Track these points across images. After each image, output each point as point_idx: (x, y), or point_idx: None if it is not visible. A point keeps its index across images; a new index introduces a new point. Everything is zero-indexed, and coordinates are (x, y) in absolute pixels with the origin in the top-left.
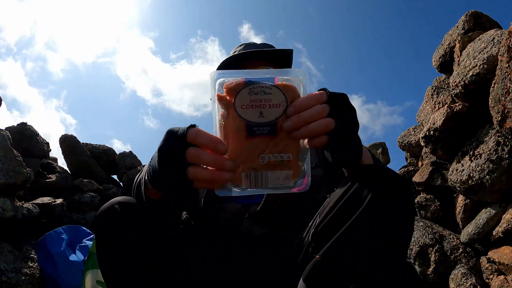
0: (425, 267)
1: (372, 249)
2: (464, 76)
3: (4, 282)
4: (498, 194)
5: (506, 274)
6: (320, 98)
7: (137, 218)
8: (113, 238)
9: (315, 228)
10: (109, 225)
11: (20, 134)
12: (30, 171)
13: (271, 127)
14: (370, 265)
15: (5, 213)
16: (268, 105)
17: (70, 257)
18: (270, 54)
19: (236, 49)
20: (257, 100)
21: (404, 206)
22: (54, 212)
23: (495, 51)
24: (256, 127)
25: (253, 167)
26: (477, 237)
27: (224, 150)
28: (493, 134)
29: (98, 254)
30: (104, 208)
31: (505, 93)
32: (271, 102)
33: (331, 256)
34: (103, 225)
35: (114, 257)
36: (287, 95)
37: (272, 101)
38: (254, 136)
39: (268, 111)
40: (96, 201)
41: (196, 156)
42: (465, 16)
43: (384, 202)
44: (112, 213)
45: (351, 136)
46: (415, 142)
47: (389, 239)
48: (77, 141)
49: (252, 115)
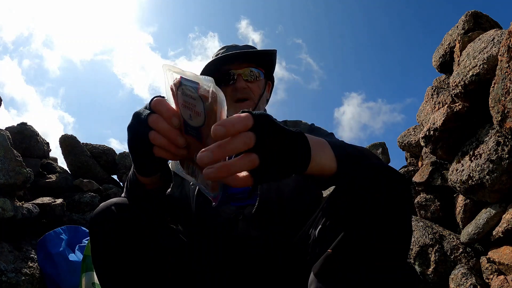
0: (425, 267)
1: (382, 242)
2: (464, 76)
3: (4, 282)
4: (498, 194)
5: (506, 274)
6: (247, 123)
7: (133, 219)
8: (108, 240)
9: (322, 224)
10: (104, 226)
11: (20, 134)
12: (30, 171)
13: (197, 132)
14: (380, 258)
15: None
16: (194, 110)
17: (69, 257)
18: (252, 55)
19: (219, 52)
20: (187, 102)
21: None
22: (54, 212)
23: (495, 51)
24: (188, 127)
25: (192, 159)
26: (477, 237)
27: (176, 123)
28: (493, 134)
29: (93, 255)
30: (99, 209)
31: (505, 93)
32: (195, 109)
33: (342, 250)
34: (98, 227)
35: (109, 258)
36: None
37: (196, 108)
38: (188, 135)
39: (194, 116)
40: (96, 201)
41: (155, 121)
42: (465, 16)
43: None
44: (108, 215)
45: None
46: (415, 142)
47: (395, 233)
48: (77, 141)
49: (185, 114)
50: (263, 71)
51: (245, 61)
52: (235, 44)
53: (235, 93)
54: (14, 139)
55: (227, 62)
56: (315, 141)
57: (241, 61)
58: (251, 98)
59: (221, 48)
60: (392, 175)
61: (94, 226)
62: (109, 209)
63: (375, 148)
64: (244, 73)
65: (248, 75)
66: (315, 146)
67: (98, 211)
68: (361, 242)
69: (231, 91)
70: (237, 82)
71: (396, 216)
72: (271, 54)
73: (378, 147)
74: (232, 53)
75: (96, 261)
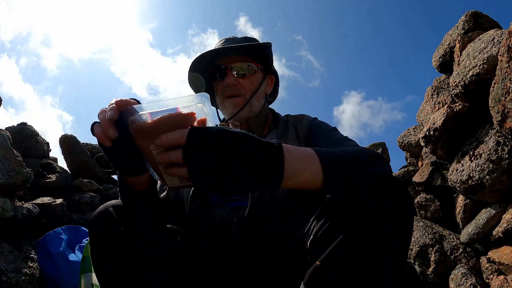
0: (425, 267)
1: (371, 254)
2: (464, 76)
3: (4, 282)
4: (498, 194)
5: (506, 274)
6: (180, 140)
7: (130, 220)
8: (107, 241)
9: (314, 235)
10: (103, 228)
11: (20, 134)
12: (30, 171)
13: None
14: (370, 271)
15: (5, 213)
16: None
17: (69, 257)
18: (244, 49)
19: (217, 44)
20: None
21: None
22: (54, 212)
23: (495, 51)
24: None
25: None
26: (477, 237)
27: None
28: (493, 134)
29: (93, 256)
30: (98, 211)
31: (505, 93)
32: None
33: (331, 263)
34: (97, 228)
35: (109, 259)
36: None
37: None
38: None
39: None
40: (96, 201)
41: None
42: (465, 16)
43: (380, 208)
44: (107, 216)
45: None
46: (415, 142)
47: (387, 244)
48: (77, 141)
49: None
50: (260, 66)
51: (239, 55)
52: (234, 36)
53: (225, 89)
54: (14, 139)
55: (220, 56)
56: (300, 154)
57: (234, 55)
58: (242, 95)
59: (220, 40)
60: (386, 185)
61: (93, 228)
62: (107, 211)
63: (375, 148)
64: (235, 68)
65: (239, 70)
66: (298, 160)
67: (96, 213)
68: (351, 256)
69: (221, 87)
70: (226, 78)
71: (389, 230)
72: (264, 47)
73: (378, 147)
74: (222, 47)
75: (95, 262)
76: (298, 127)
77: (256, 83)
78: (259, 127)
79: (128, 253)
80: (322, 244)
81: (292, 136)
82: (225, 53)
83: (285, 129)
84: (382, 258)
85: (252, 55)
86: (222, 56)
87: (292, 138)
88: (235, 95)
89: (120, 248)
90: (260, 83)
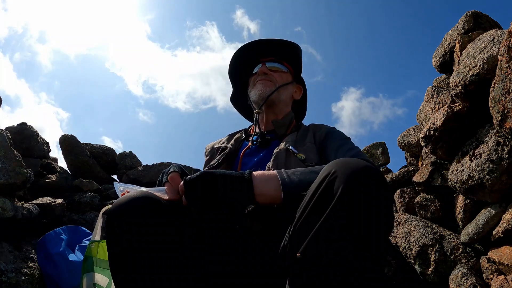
0: (425, 267)
1: (348, 243)
2: (464, 76)
3: (4, 282)
4: (498, 194)
5: (506, 274)
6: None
7: (159, 214)
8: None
9: (293, 226)
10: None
11: (20, 134)
12: (30, 171)
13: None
14: (348, 261)
15: (5, 213)
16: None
17: (69, 257)
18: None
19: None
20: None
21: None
22: (54, 212)
23: (495, 51)
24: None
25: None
26: (477, 237)
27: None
28: (493, 134)
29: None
30: (120, 203)
31: (505, 93)
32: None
33: (310, 254)
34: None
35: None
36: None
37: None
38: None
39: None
40: (96, 201)
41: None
42: (465, 16)
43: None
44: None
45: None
46: (415, 142)
47: (363, 232)
48: (77, 141)
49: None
50: (289, 67)
51: (272, 55)
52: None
53: (258, 77)
54: (14, 139)
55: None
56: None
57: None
58: (273, 81)
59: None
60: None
61: (117, 221)
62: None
63: (375, 148)
64: (268, 62)
65: (272, 66)
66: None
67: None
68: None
69: (255, 77)
70: (260, 68)
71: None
72: (295, 47)
73: (378, 147)
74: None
75: (111, 251)
76: (316, 133)
77: (285, 79)
78: (281, 127)
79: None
80: (302, 235)
81: (310, 140)
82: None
83: (304, 134)
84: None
85: (284, 58)
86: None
87: (310, 142)
88: (266, 80)
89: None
90: (288, 82)
